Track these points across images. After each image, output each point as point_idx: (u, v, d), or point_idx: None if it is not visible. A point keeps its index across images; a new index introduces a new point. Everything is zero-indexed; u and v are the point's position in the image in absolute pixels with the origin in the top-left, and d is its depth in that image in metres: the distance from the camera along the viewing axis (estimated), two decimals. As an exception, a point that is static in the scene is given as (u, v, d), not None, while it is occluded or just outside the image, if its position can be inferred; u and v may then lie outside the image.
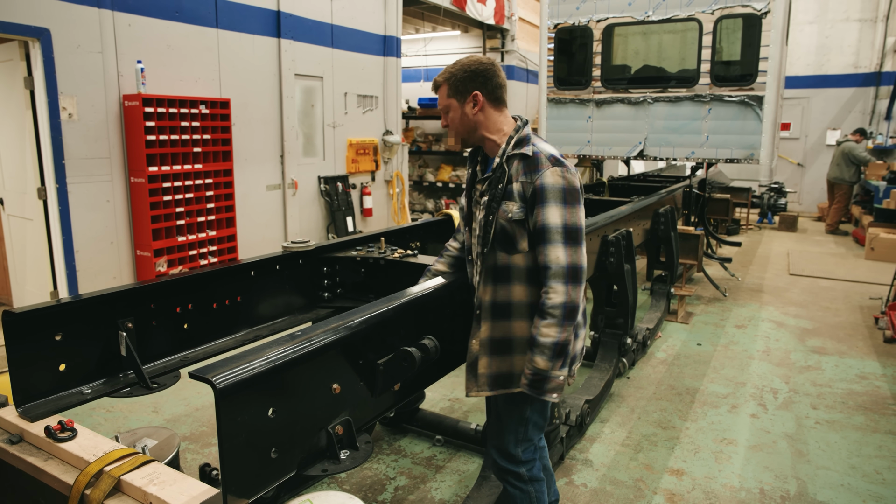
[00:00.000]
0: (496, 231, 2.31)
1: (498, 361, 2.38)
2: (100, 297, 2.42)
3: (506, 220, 2.28)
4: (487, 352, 2.38)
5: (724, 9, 6.62)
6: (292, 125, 7.91)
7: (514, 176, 2.28)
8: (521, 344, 2.35)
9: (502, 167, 2.30)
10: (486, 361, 2.39)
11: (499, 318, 2.36)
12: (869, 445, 4.09)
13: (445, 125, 2.45)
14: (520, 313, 2.33)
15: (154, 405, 4.53)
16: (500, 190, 2.29)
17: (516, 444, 2.50)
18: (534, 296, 2.31)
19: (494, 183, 2.31)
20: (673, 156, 7.27)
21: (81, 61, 5.60)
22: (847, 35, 14.38)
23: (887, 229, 10.01)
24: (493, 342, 2.38)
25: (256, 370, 1.72)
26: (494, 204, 2.30)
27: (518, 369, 2.36)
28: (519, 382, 2.36)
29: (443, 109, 2.41)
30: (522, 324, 2.33)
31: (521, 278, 2.32)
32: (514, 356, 2.36)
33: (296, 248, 3.33)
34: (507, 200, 2.28)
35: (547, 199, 2.21)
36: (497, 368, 2.39)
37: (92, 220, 5.82)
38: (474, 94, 2.34)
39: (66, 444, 1.90)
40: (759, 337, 6.20)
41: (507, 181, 2.28)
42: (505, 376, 2.39)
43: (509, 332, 2.35)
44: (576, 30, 7.55)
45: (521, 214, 2.26)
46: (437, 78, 2.41)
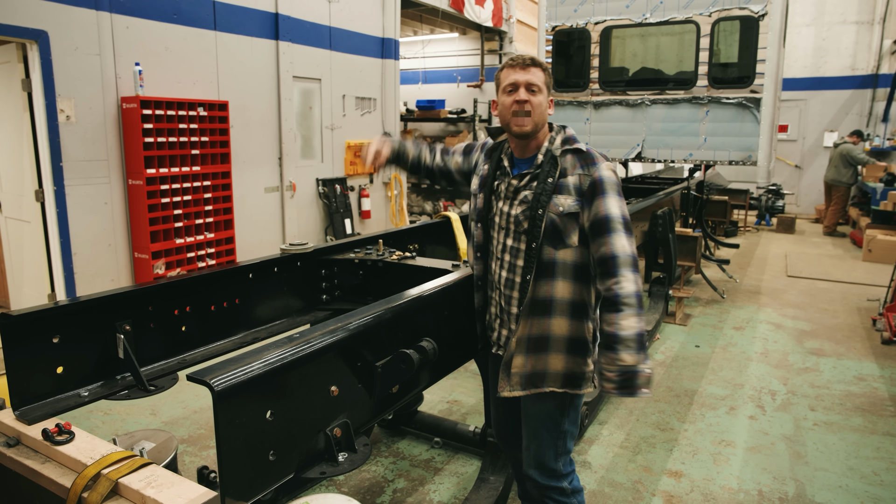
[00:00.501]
0: (546, 226, 2.28)
1: (533, 360, 2.34)
2: (97, 300, 2.42)
3: (556, 214, 2.26)
4: (524, 350, 2.35)
5: (722, 11, 6.64)
6: (290, 127, 7.91)
7: (569, 169, 2.28)
8: (556, 342, 2.32)
9: (554, 161, 2.30)
10: (522, 360, 2.35)
11: (538, 316, 2.32)
12: (867, 447, 4.09)
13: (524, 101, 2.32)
14: (560, 310, 2.30)
15: (152, 408, 4.52)
16: (550, 184, 2.28)
17: (556, 458, 2.45)
18: (575, 293, 2.30)
19: (543, 177, 2.30)
20: (671, 158, 7.28)
21: (79, 63, 5.60)
22: (844, 37, 14.41)
23: (885, 231, 10.03)
24: (529, 340, 2.34)
25: (254, 372, 1.72)
26: (545, 198, 2.27)
27: (551, 368, 2.34)
28: (549, 382, 2.34)
29: (534, 87, 2.33)
30: (561, 321, 2.31)
31: (565, 274, 2.29)
32: (549, 354, 2.33)
33: (294, 251, 3.33)
34: (559, 194, 2.26)
35: (607, 191, 2.22)
36: (532, 367, 2.35)
37: (90, 223, 5.81)
38: (551, 98, 2.42)
39: (64, 447, 1.89)
40: (757, 339, 6.20)
41: (558, 175, 2.28)
42: (538, 375, 2.35)
43: (547, 329, 2.32)
44: (574, 32, 7.57)
45: (576, 207, 2.24)
46: (534, 59, 2.37)
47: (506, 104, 2.36)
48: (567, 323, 2.31)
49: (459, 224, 4.48)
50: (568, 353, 2.34)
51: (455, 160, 2.81)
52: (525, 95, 2.32)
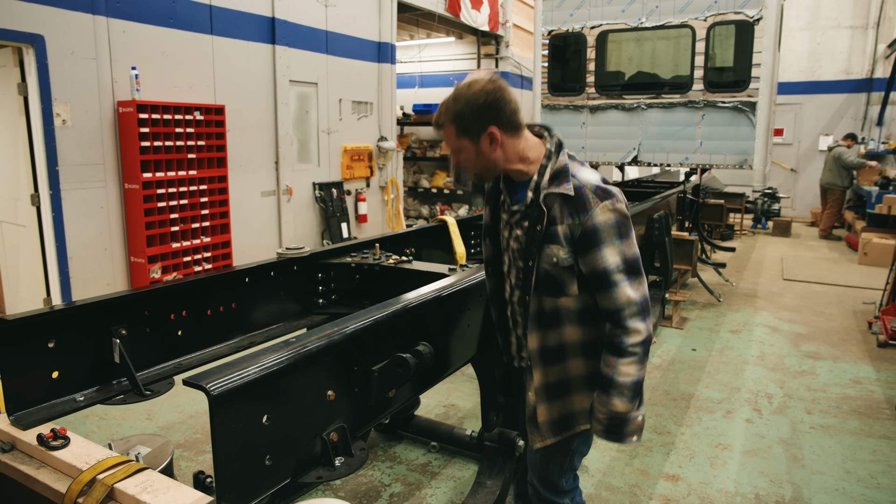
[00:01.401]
0: (539, 277, 2.09)
1: (559, 406, 2.20)
2: (93, 304, 2.41)
3: (550, 265, 2.05)
4: (545, 399, 2.20)
5: (717, 15, 6.66)
6: (287, 131, 7.91)
7: (558, 218, 2.02)
8: (577, 382, 2.18)
9: (539, 206, 2.05)
10: (545, 409, 2.20)
11: (552, 363, 2.17)
12: (863, 450, 4.09)
13: (457, 164, 2.14)
14: (573, 353, 2.16)
15: (148, 412, 4.51)
16: (539, 232, 2.05)
17: (560, 475, 2.36)
18: (586, 334, 2.14)
19: (532, 223, 2.08)
20: (667, 161, 7.30)
21: (76, 67, 5.59)
22: (838, 42, 14.49)
23: (880, 234, 10.06)
24: (548, 388, 2.19)
25: (251, 377, 1.72)
26: (534, 248, 2.08)
27: (578, 408, 2.20)
28: (580, 421, 2.21)
29: (453, 150, 2.13)
30: (577, 362, 2.16)
31: (571, 320, 2.12)
32: (573, 396, 2.20)
33: (290, 255, 3.33)
34: (551, 244, 2.04)
35: (602, 241, 1.97)
36: (558, 413, 2.21)
37: (86, 227, 5.80)
38: (489, 131, 2.03)
39: (59, 452, 1.88)
40: (753, 342, 6.21)
41: (547, 223, 2.04)
42: (567, 418, 2.22)
43: (566, 373, 2.18)
44: (570, 36, 7.58)
45: (569, 260, 2.03)
46: (439, 118, 2.10)
47: None
48: (583, 363, 2.16)
49: (456, 228, 4.48)
50: (591, 388, 2.19)
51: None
52: (453, 160, 2.16)
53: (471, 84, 2.05)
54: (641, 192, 7.85)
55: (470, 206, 12.81)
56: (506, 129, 2.05)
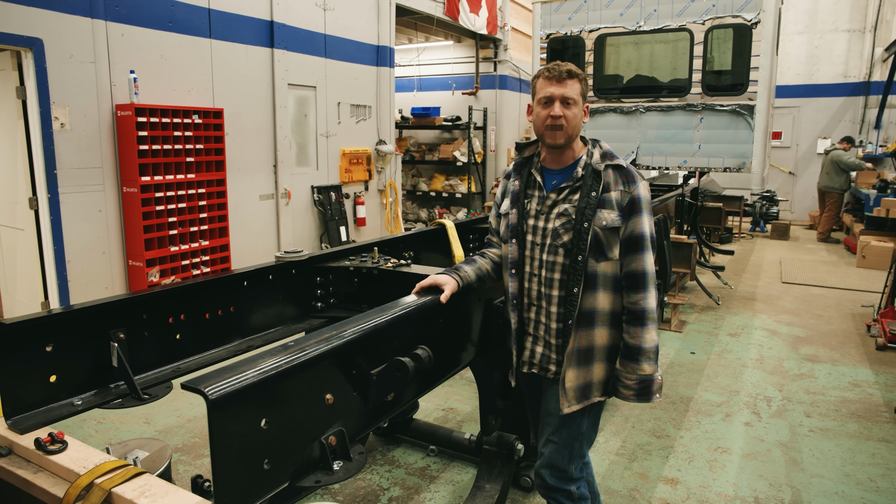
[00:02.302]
0: (594, 237, 2.30)
1: (584, 372, 2.38)
2: (91, 308, 2.41)
3: (601, 228, 2.28)
4: (574, 363, 2.37)
5: (715, 19, 6.67)
6: (285, 135, 7.91)
7: (612, 185, 2.32)
8: (600, 352, 2.37)
9: (597, 175, 2.32)
10: (574, 374, 2.37)
11: (584, 328, 2.35)
12: (862, 453, 4.09)
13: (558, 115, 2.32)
14: (602, 321, 2.35)
15: (146, 416, 4.50)
16: (593, 198, 2.30)
17: (570, 461, 2.45)
18: (614, 303, 2.35)
19: (586, 191, 2.31)
20: (665, 165, 7.31)
21: (74, 71, 5.59)
22: (836, 45, 14.53)
23: (878, 237, 10.07)
24: (579, 353, 2.37)
25: (249, 381, 1.71)
26: (589, 211, 2.29)
27: (596, 378, 2.39)
28: (594, 392, 2.39)
29: (569, 100, 2.33)
30: (603, 332, 2.36)
31: (605, 286, 2.32)
32: (594, 365, 2.38)
33: (289, 258, 3.33)
34: (603, 209, 2.29)
35: (643, 210, 2.30)
36: (583, 380, 2.38)
37: (84, 230, 5.79)
38: (587, 105, 2.42)
39: (56, 457, 1.88)
40: (752, 345, 6.21)
41: (601, 189, 2.30)
42: (588, 387, 2.39)
43: (592, 341, 2.36)
44: (568, 40, 7.60)
45: (619, 222, 2.29)
46: (572, 70, 2.34)
47: (541, 116, 2.36)
48: (608, 333, 2.36)
49: (454, 231, 4.48)
50: (608, 361, 2.40)
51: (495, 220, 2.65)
52: (559, 110, 2.32)
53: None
54: (640, 195, 7.84)
55: (468, 210, 12.82)
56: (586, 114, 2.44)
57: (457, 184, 12.95)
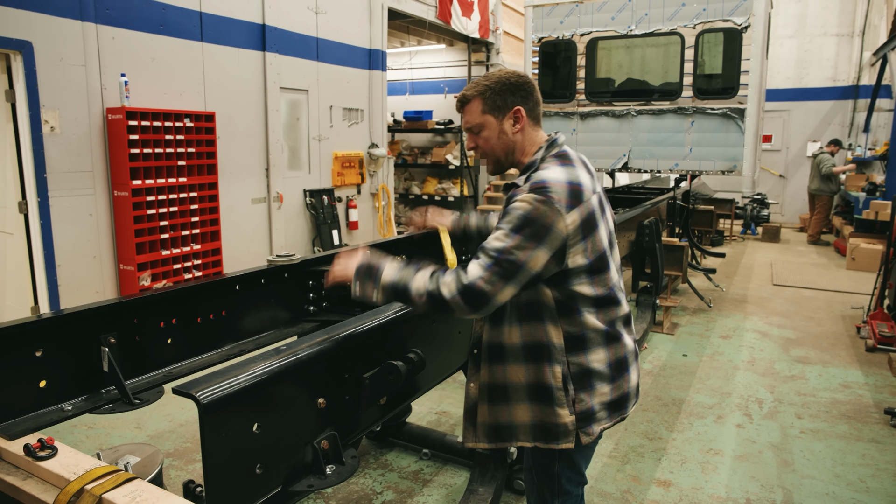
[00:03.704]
0: None
1: (496, 411, 2.14)
2: (82, 312, 2.39)
3: None
4: (486, 398, 2.15)
5: (706, 23, 6.72)
6: (277, 138, 7.89)
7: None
8: (516, 391, 2.08)
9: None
10: (486, 409, 2.16)
11: (495, 362, 2.12)
12: (853, 454, 4.11)
13: (473, 147, 2.14)
14: (513, 356, 2.07)
15: (137, 421, 4.47)
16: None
17: (553, 497, 2.27)
18: (526, 335, 2.04)
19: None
20: (657, 168, 7.34)
21: (64, 74, 5.56)
22: (825, 49, 14.64)
23: (868, 239, 10.15)
24: (490, 388, 2.14)
25: (241, 385, 1.71)
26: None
27: (518, 420, 2.10)
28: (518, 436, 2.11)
29: (473, 128, 2.10)
30: (516, 368, 2.07)
31: (510, 316, 2.06)
32: (511, 405, 2.10)
33: (281, 262, 3.32)
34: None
35: (502, 219, 1.91)
36: (496, 419, 2.14)
37: (74, 234, 5.76)
38: (516, 109, 2.05)
39: (46, 463, 1.86)
40: (743, 347, 6.24)
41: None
42: (504, 428, 2.13)
43: (503, 377, 2.10)
44: (560, 43, 7.62)
45: None
46: (466, 92, 2.09)
47: None
48: (523, 369, 2.05)
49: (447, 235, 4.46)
50: (531, 401, 2.06)
51: None
52: (470, 141, 2.15)
53: (500, 69, 2.12)
54: (632, 198, 7.88)
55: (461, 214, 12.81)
56: (529, 116, 2.08)
57: (449, 187, 12.96)
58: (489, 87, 2.05)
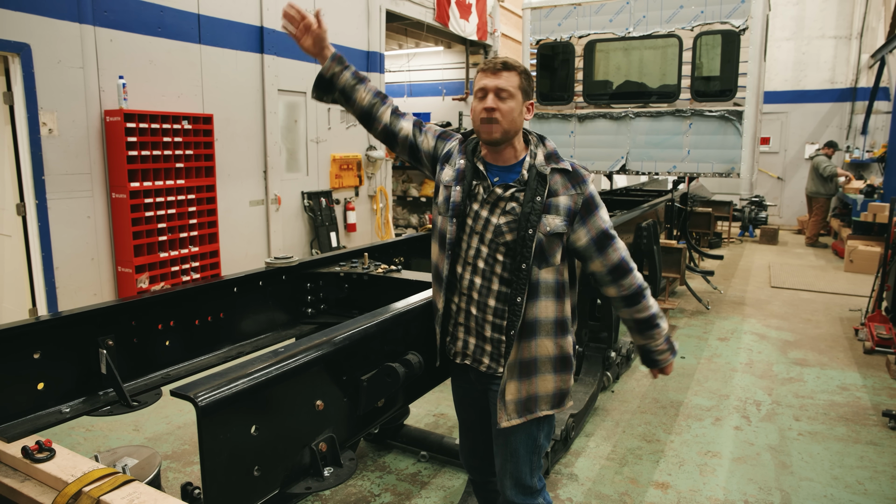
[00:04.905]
0: (538, 244, 2.18)
1: (526, 385, 2.25)
2: (80, 315, 2.39)
3: (545, 234, 2.17)
4: (516, 375, 2.24)
5: (704, 25, 6.72)
6: (275, 140, 7.89)
7: (560, 189, 2.20)
8: (545, 363, 2.25)
9: (543, 179, 2.19)
10: (516, 386, 2.24)
11: (528, 338, 2.23)
12: (851, 456, 4.12)
13: (492, 108, 2.18)
14: (545, 331, 2.23)
15: (135, 424, 4.47)
16: (539, 203, 2.17)
17: (532, 474, 2.38)
18: (557, 311, 2.25)
19: (531, 194, 2.18)
20: (655, 170, 7.34)
21: (62, 76, 5.56)
22: (823, 52, 14.67)
23: (865, 242, 10.16)
24: (521, 365, 2.24)
25: (239, 387, 1.71)
26: (534, 217, 2.16)
27: (542, 391, 2.27)
28: (541, 405, 2.28)
29: (503, 93, 2.19)
30: (547, 342, 2.24)
31: (548, 293, 2.22)
32: (538, 377, 2.26)
33: (279, 264, 3.32)
34: (548, 214, 2.18)
35: (598, 205, 2.26)
36: (526, 393, 2.26)
37: (72, 237, 5.75)
38: (531, 102, 2.30)
39: (44, 465, 1.86)
40: (741, 349, 6.24)
41: (547, 194, 2.19)
42: (532, 400, 2.27)
43: (534, 352, 2.23)
44: (558, 46, 7.63)
45: (563, 227, 2.19)
46: (509, 62, 2.23)
47: (476, 110, 2.23)
48: (552, 342, 2.25)
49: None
50: (555, 372, 2.28)
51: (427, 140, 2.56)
52: (492, 102, 2.18)
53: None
54: (630, 200, 7.89)
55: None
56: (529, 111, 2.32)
57: (448, 189, 12.94)
58: (523, 70, 2.27)
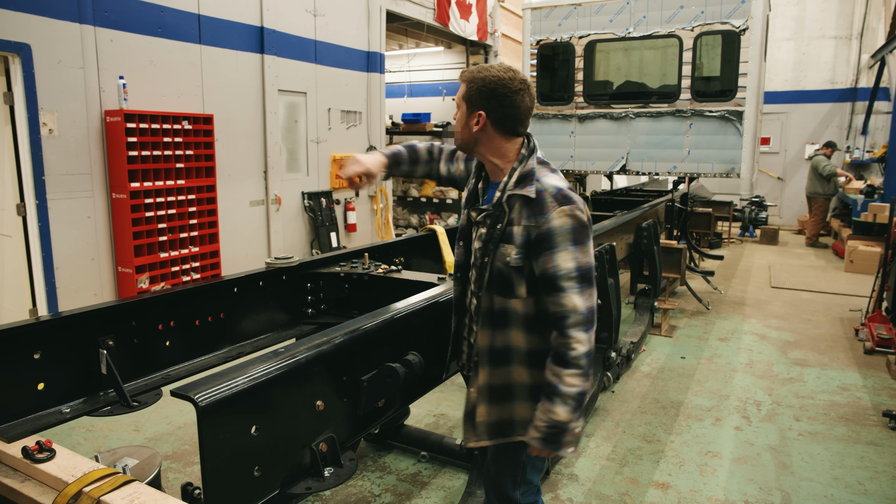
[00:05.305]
0: (492, 274, 2.12)
1: (498, 409, 2.21)
2: (80, 315, 2.39)
3: (503, 264, 2.08)
4: (486, 399, 2.21)
5: (704, 26, 6.72)
6: (276, 141, 7.89)
7: (517, 219, 2.06)
8: (520, 390, 2.18)
9: (502, 206, 2.10)
10: (485, 409, 2.21)
11: (498, 365, 2.18)
12: (851, 456, 4.12)
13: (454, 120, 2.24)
14: (519, 359, 2.16)
15: (135, 424, 4.47)
16: (498, 231, 2.09)
17: (514, 487, 2.32)
18: (533, 342, 2.14)
19: (493, 221, 2.11)
20: (655, 170, 7.34)
21: (63, 77, 5.56)
22: (823, 52, 14.66)
23: (866, 242, 10.16)
24: (492, 389, 2.20)
25: (239, 388, 1.71)
26: (492, 245, 2.10)
27: (518, 416, 2.19)
28: (518, 431, 2.20)
29: (456, 103, 2.22)
30: (521, 370, 2.16)
31: (518, 324, 2.13)
32: (514, 403, 2.20)
33: (279, 264, 3.32)
34: (506, 243, 2.08)
35: (556, 244, 2.00)
36: (497, 416, 2.21)
37: (72, 237, 5.75)
38: (479, 113, 2.11)
39: (44, 465, 1.86)
40: (742, 349, 6.24)
41: (506, 223, 2.08)
42: (505, 424, 2.22)
43: (509, 378, 2.18)
44: (558, 46, 7.63)
45: (518, 261, 2.05)
46: (464, 73, 2.18)
47: None
48: (527, 372, 2.15)
49: (445, 237, 4.49)
50: (533, 400, 2.15)
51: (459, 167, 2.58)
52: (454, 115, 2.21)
53: (502, 68, 2.14)
54: (630, 200, 7.90)
55: (459, 216, 12.82)
56: (494, 125, 2.13)
57: (447, 189, 12.96)
58: (475, 79, 2.12)
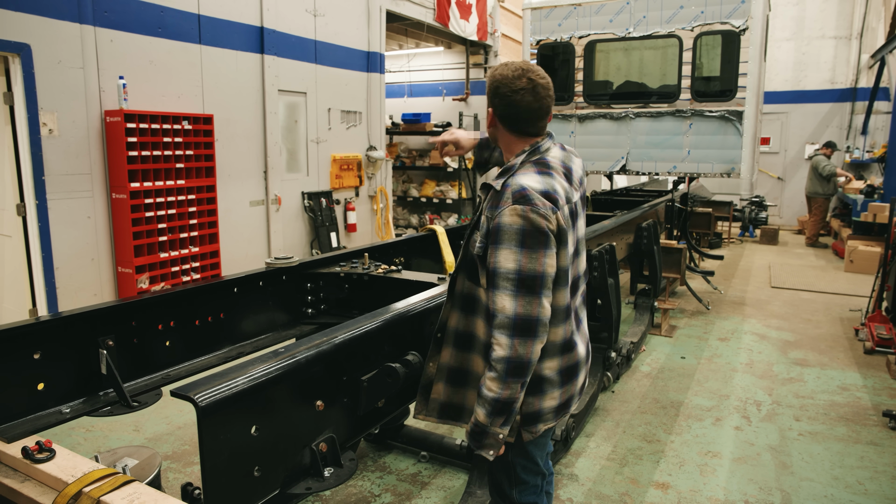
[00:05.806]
0: (465, 258, 2.16)
1: (452, 391, 2.24)
2: (80, 315, 2.39)
3: (473, 251, 2.09)
4: (444, 379, 2.24)
5: (704, 26, 6.73)
6: (276, 141, 7.90)
7: (485, 209, 2.07)
8: (475, 379, 2.18)
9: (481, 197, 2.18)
10: (442, 388, 2.25)
11: (460, 349, 2.21)
12: (851, 456, 4.12)
13: None
14: (479, 349, 2.16)
15: (135, 424, 4.47)
16: (474, 218, 2.14)
17: (510, 486, 2.35)
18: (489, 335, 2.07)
19: (476, 209, 2.18)
20: (655, 170, 7.34)
21: (62, 77, 5.56)
22: (823, 52, 14.67)
23: (866, 242, 10.15)
24: (451, 371, 2.23)
25: (239, 388, 1.71)
26: (468, 230, 2.16)
27: (469, 404, 2.21)
28: (465, 418, 2.22)
29: None
30: (479, 360, 2.16)
31: (482, 314, 2.13)
32: (467, 390, 2.21)
33: (279, 264, 3.32)
34: (476, 230, 2.10)
35: (501, 241, 1.94)
36: (450, 398, 2.24)
37: (72, 237, 5.75)
38: (489, 110, 2.18)
39: (44, 465, 1.86)
40: (742, 349, 6.24)
41: (479, 211, 2.13)
42: (456, 408, 2.25)
43: (468, 364, 2.20)
44: (558, 46, 7.63)
45: (481, 250, 2.05)
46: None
47: None
48: (484, 363, 2.10)
49: (445, 237, 4.48)
50: None
51: None
52: None
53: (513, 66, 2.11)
54: (630, 200, 7.89)
55: (459, 216, 12.83)
56: (503, 122, 2.15)
57: (447, 189, 12.96)
58: (489, 76, 2.17)
